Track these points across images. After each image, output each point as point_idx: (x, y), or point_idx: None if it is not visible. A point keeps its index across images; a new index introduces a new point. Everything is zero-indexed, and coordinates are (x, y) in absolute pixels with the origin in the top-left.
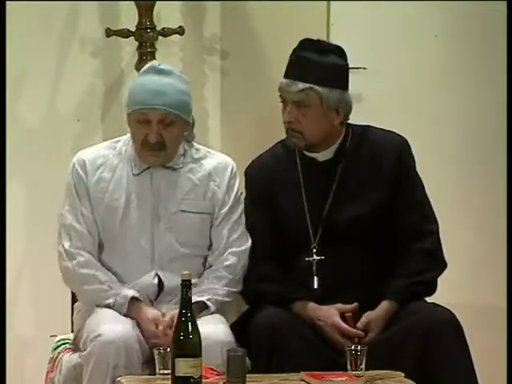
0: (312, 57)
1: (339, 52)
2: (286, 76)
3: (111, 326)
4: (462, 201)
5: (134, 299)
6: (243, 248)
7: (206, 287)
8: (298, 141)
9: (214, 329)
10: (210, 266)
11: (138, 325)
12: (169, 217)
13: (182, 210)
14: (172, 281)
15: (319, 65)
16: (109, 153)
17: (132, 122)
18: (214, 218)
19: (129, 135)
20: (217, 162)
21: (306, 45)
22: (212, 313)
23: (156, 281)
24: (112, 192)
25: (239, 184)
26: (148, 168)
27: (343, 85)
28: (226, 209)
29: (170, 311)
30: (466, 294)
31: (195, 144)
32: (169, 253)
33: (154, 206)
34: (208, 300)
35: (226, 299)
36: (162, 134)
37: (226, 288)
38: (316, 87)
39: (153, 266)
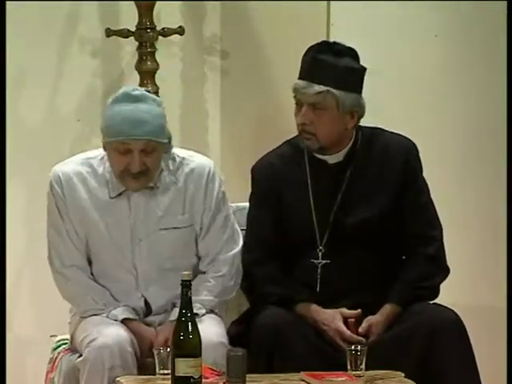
0: (329, 59)
1: (353, 54)
2: (301, 77)
3: (105, 330)
4: (461, 201)
5: (125, 319)
6: (234, 251)
7: (195, 299)
8: (311, 143)
9: (206, 331)
10: (204, 272)
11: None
12: (148, 237)
13: (162, 229)
14: (161, 298)
15: (337, 68)
16: (84, 170)
17: (111, 151)
18: (198, 228)
19: (102, 152)
20: (191, 169)
21: (323, 46)
22: (204, 314)
23: (142, 303)
24: (89, 213)
25: (219, 185)
26: (125, 190)
27: (359, 88)
28: (209, 217)
29: (162, 330)
30: (466, 294)
31: (172, 151)
32: (153, 272)
33: (132, 228)
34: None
35: (218, 307)
36: (145, 162)
37: (217, 299)
38: (333, 90)
39: (137, 286)
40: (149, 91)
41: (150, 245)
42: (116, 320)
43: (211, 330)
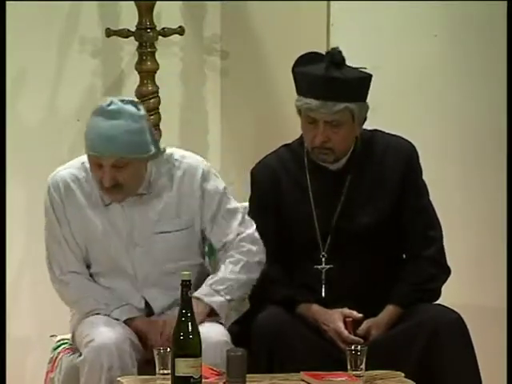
0: (337, 74)
1: (344, 58)
2: (312, 96)
3: (103, 330)
4: (461, 201)
5: (128, 319)
6: (250, 231)
7: (220, 277)
8: (327, 157)
9: (209, 329)
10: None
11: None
12: (145, 242)
13: (158, 232)
14: (162, 300)
15: (348, 81)
16: (82, 176)
17: (89, 163)
18: (198, 228)
19: None
20: (183, 172)
21: (320, 58)
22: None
23: (143, 305)
24: (88, 219)
25: (215, 182)
26: None
27: (367, 96)
28: (211, 213)
29: (170, 322)
30: (466, 294)
31: (170, 153)
32: (153, 276)
33: (128, 233)
34: (219, 306)
35: (242, 291)
36: (116, 177)
37: (244, 276)
38: (350, 105)
39: (138, 289)
40: (132, 101)
41: (146, 249)
42: (118, 319)
43: (214, 329)
